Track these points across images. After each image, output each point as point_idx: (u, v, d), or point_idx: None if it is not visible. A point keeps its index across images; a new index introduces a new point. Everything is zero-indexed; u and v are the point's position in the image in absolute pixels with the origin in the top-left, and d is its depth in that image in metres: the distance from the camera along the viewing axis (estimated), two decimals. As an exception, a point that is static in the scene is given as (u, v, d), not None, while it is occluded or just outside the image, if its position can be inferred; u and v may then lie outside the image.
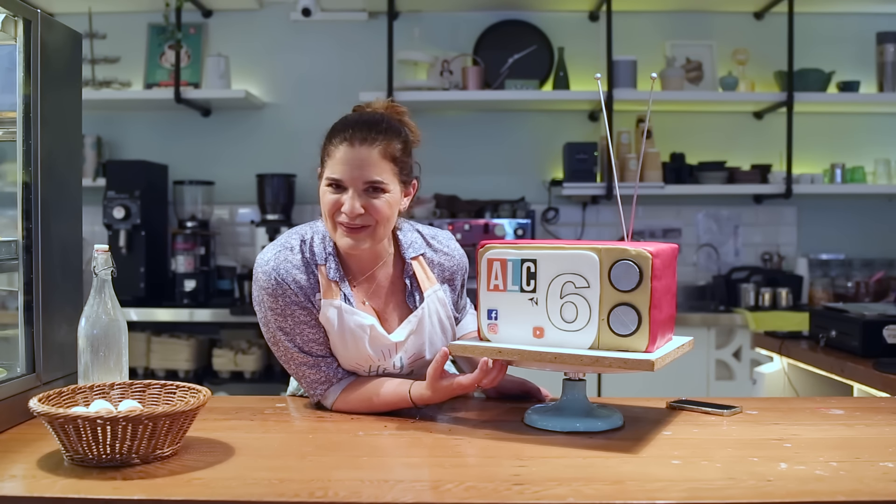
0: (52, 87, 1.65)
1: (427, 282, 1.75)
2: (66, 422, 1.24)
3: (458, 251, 1.83)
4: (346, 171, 1.60)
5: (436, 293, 1.75)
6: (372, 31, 4.22)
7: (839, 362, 2.47)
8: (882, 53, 4.01)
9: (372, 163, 1.60)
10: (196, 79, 4.23)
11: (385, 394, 1.64)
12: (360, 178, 1.60)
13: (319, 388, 1.68)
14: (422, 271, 1.76)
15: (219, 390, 3.68)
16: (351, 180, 1.60)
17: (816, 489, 1.18)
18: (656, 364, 1.39)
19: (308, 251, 1.68)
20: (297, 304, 1.64)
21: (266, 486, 1.20)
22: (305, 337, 1.66)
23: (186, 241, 3.93)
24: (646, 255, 1.42)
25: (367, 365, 1.70)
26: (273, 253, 1.67)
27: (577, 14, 4.26)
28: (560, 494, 1.16)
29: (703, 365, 3.66)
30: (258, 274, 1.66)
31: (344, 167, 1.60)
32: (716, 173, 4.04)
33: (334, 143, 1.63)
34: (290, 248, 1.67)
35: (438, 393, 1.58)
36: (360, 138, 1.60)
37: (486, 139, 4.27)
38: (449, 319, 1.78)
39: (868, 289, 3.95)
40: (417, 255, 1.76)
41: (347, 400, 1.66)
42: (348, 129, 1.62)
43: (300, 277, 1.64)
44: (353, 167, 1.59)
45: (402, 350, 1.71)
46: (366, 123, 1.63)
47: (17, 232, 1.60)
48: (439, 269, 1.79)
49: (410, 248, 1.76)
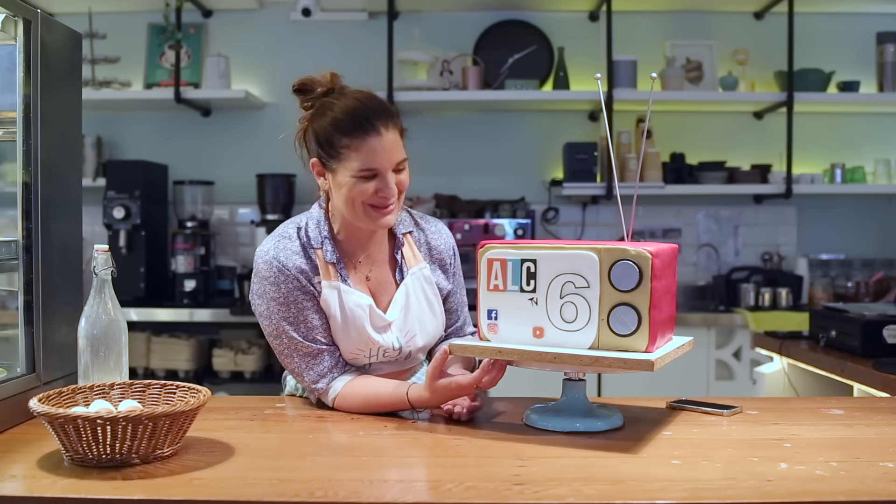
0: (52, 87, 1.65)
1: (413, 259, 1.79)
2: (66, 422, 1.24)
3: (444, 231, 1.87)
4: (383, 160, 1.63)
5: (421, 271, 1.79)
6: (372, 31, 4.22)
7: (839, 362, 2.47)
8: (882, 53, 4.01)
9: (398, 143, 1.66)
10: (196, 79, 4.23)
11: (384, 395, 1.64)
12: (394, 162, 1.65)
13: (321, 383, 1.68)
14: (408, 249, 1.80)
15: (219, 390, 3.68)
16: (387, 165, 1.64)
17: (816, 489, 1.18)
18: (656, 364, 1.39)
19: (304, 236, 1.71)
20: (300, 290, 1.67)
21: (266, 486, 1.20)
22: (309, 324, 1.68)
23: (186, 241, 3.93)
24: (646, 255, 1.42)
25: (367, 348, 1.71)
26: (272, 243, 1.70)
27: (577, 14, 4.26)
28: (560, 494, 1.16)
29: (703, 365, 3.66)
30: (259, 265, 1.68)
31: (379, 156, 1.63)
32: (716, 173, 4.04)
33: (355, 136, 1.62)
34: (288, 236, 1.71)
35: (437, 394, 1.58)
36: (383, 124, 1.63)
37: (486, 139, 4.27)
38: (437, 298, 1.80)
39: (868, 289, 3.94)
40: (406, 231, 1.81)
41: (346, 399, 1.67)
42: (366, 120, 1.63)
43: (300, 262, 1.68)
44: (388, 153, 1.64)
45: (396, 328, 1.74)
46: (373, 109, 1.65)
47: (17, 232, 1.60)
48: (426, 247, 1.82)
49: (401, 224, 1.81)
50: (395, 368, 1.79)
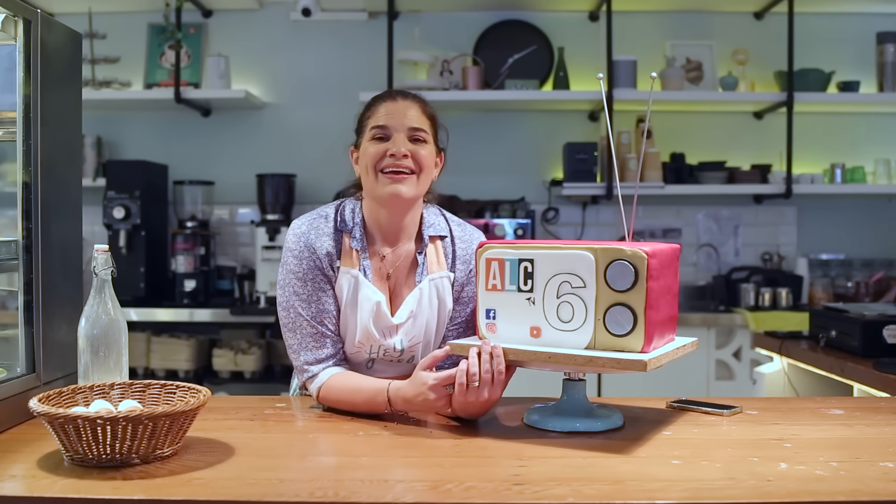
0: (52, 87, 1.65)
1: (436, 265, 1.78)
2: (66, 422, 1.24)
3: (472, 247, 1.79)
4: (393, 118, 1.70)
5: (441, 279, 1.77)
6: (372, 31, 4.22)
7: (839, 362, 2.47)
8: (882, 53, 4.01)
9: (415, 113, 1.73)
10: (196, 79, 4.23)
11: (365, 387, 1.62)
12: (405, 125, 1.70)
13: (313, 368, 1.68)
14: (434, 254, 1.78)
15: (219, 390, 3.68)
16: (397, 126, 1.70)
17: (816, 489, 1.18)
18: (649, 364, 1.39)
19: (339, 219, 1.75)
20: (320, 271, 1.69)
21: (266, 486, 1.20)
22: (321, 306, 1.69)
23: (186, 241, 3.93)
24: (641, 255, 1.42)
25: (368, 344, 1.71)
26: (308, 220, 1.75)
27: (577, 14, 4.26)
28: (560, 494, 1.16)
29: (703, 365, 3.66)
30: (289, 237, 1.73)
31: (389, 116, 1.71)
32: (716, 173, 4.04)
33: (374, 106, 1.74)
34: (325, 216, 1.75)
35: (414, 383, 1.53)
36: (402, 96, 1.74)
37: (486, 139, 4.27)
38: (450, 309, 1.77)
39: (868, 289, 3.95)
40: (436, 235, 1.80)
41: (330, 391, 1.65)
42: (388, 93, 1.76)
43: (328, 244, 1.71)
44: (399, 115, 1.71)
45: (402, 331, 1.73)
46: (401, 90, 1.79)
47: (17, 232, 1.60)
48: (451, 258, 1.79)
49: (431, 227, 1.80)
50: (399, 371, 1.78)
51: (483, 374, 1.47)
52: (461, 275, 1.78)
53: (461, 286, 1.78)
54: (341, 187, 1.79)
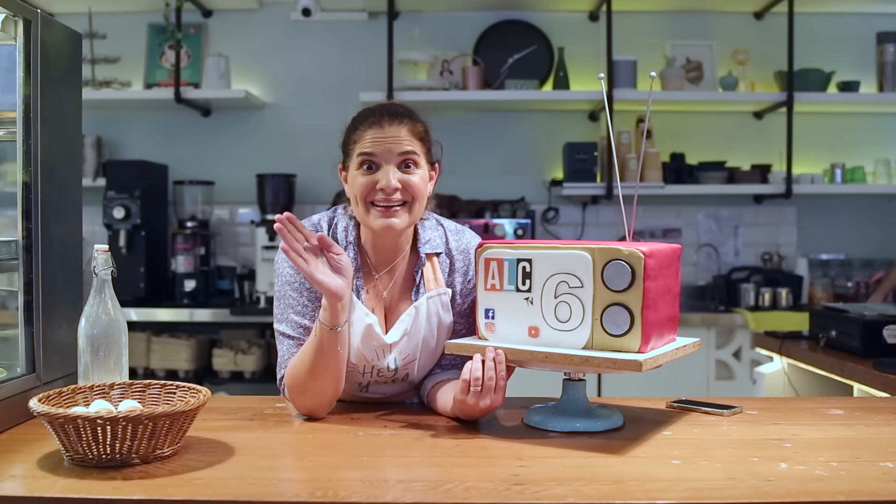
0: (52, 87, 1.65)
1: (433, 282, 1.72)
2: (66, 422, 1.24)
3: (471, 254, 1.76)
4: (380, 147, 1.63)
5: (440, 296, 1.71)
6: (372, 31, 4.22)
7: (839, 362, 2.47)
8: (882, 53, 4.01)
9: (404, 135, 1.64)
10: (196, 79, 4.23)
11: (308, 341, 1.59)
12: (393, 152, 1.63)
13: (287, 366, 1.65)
14: (431, 271, 1.73)
15: (219, 390, 3.68)
16: (385, 154, 1.63)
17: (816, 489, 1.18)
18: (644, 365, 1.39)
19: (332, 235, 1.72)
20: None
21: (266, 486, 1.20)
22: (313, 294, 1.65)
23: (186, 241, 3.93)
24: (638, 255, 1.42)
25: (361, 365, 1.68)
26: (324, 215, 1.75)
27: (577, 14, 4.26)
28: (560, 494, 1.16)
29: (703, 365, 3.66)
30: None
31: (376, 144, 1.63)
32: (716, 173, 4.04)
33: (360, 129, 1.66)
34: (321, 227, 1.73)
35: None
36: (388, 119, 1.65)
37: (486, 139, 4.27)
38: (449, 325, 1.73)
39: (868, 289, 3.94)
40: (433, 252, 1.74)
41: (291, 377, 1.61)
42: (373, 115, 1.66)
43: None
44: (386, 143, 1.63)
45: (396, 350, 1.69)
46: (387, 108, 1.68)
47: (17, 232, 1.60)
48: (450, 269, 1.74)
49: (427, 244, 1.74)
50: (395, 390, 1.76)
51: (486, 381, 1.47)
52: (460, 287, 1.74)
53: (462, 299, 1.74)
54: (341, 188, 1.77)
